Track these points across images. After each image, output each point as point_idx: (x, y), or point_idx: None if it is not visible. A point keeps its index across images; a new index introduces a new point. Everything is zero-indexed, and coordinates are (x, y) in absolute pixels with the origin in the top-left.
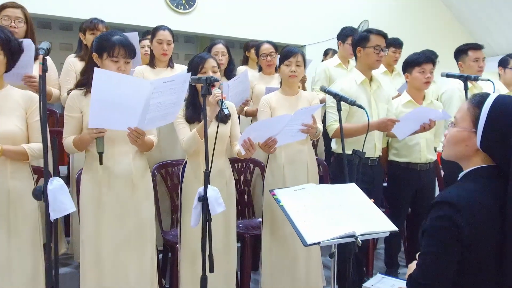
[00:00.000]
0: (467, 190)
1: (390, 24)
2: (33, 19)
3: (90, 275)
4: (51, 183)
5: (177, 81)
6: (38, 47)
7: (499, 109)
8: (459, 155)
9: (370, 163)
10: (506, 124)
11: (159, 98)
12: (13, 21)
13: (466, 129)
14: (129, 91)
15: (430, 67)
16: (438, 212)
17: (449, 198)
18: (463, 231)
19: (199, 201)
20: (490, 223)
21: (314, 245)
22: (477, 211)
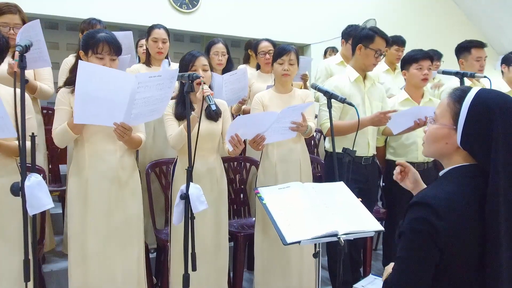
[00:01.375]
0: (446, 191)
1: (398, 22)
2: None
3: (76, 272)
4: (29, 179)
5: (164, 76)
6: (16, 43)
7: (480, 104)
8: (439, 153)
9: (363, 161)
10: (487, 120)
11: (145, 93)
12: (11, 29)
13: (446, 126)
14: (114, 85)
15: (428, 64)
16: (415, 214)
17: (427, 199)
18: (441, 234)
19: (181, 199)
20: (470, 226)
21: (295, 244)
22: (456, 213)
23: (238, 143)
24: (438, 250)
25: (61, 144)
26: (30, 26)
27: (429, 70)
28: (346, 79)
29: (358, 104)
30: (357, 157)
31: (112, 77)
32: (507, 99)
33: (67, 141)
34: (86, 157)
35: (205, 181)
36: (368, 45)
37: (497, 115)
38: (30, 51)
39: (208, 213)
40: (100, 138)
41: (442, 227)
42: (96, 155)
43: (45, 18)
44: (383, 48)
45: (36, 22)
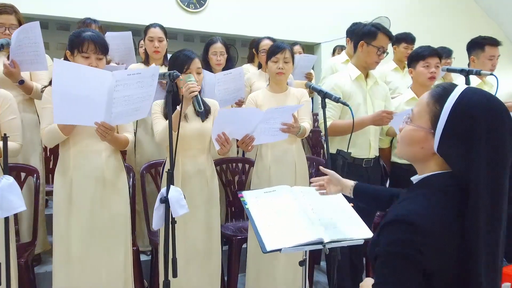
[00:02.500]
0: (425, 205)
1: (410, 20)
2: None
3: (60, 274)
4: (0, 182)
5: (144, 74)
6: None
7: (463, 109)
8: (412, 157)
9: (365, 164)
10: (469, 129)
11: (124, 91)
12: (7, 29)
13: (423, 129)
14: (91, 83)
15: (436, 61)
16: (396, 235)
17: (409, 217)
18: (425, 258)
19: (160, 203)
20: (455, 243)
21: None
22: (439, 232)
23: (225, 142)
24: (421, 276)
25: (50, 144)
26: (29, 27)
27: (436, 68)
28: (347, 77)
29: (359, 103)
30: (358, 159)
31: (89, 75)
32: (493, 103)
33: (56, 141)
34: (71, 157)
35: (195, 182)
36: (370, 42)
37: (481, 123)
38: (27, 53)
39: (198, 216)
40: (85, 138)
41: (426, 248)
42: (81, 155)
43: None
44: (386, 45)
45: (36, 24)
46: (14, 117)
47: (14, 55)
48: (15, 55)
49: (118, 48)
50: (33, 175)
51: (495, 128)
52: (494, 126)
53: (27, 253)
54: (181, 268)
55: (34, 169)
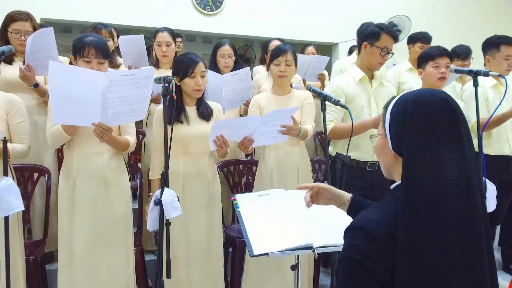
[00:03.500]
0: (387, 213)
1: (433, 19)
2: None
3: (64, 274)
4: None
5: (138, 75)
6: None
7: (398, 104)
8: (385, 167)
9: (369, 167)
10: (402, 116)
11: (119, 92)
12: (22, 35)
13: (381, 135)
14: (84, 84)
15: (446, 62)
16: (352, 240)
17: (365, 224)
18: (376, 265)
19: (155, 205)
20: None
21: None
22: (388, 240)
23: (223, 144)
24: (376, 282)
25: (55, 145)
26: (43, 33)
27: (446, 68)
28: (351, 79)
29: (363, 105)
30: (361, 162)
31: (82, 76)
32: (423, 92)
33: (60, 142)
34: (75, 159)
35: (195, 185)
36: (373, 42)
37: (410, 108)
38: (41, 57)
39: (199, 218)
40: (89, 140)
41: (377, 255)
42: (84, 157)
43: (62, 22)
44: (390, 45)
45: (50, 30)
46: (23, 120)
47: (29, 60)
48: (30, 60)
49: (131, 51)
50: (45, 175)
51: (426, 120)
52: (425, 118)
53: (37, 250)
54: (182, 269)
55: (46, 169)
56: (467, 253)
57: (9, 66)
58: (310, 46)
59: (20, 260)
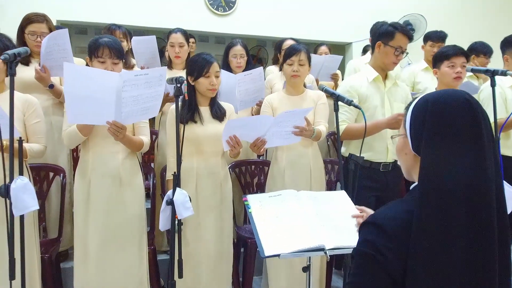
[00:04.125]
0: (402, 210)
1: (449, 17)
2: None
3: (80, 272)
4: (15, 182)
5: (151, 75)
6: (4, 52)
7: (420, 103)
8: (404, 167)
9: (382, 168)
10: (423, 116)
11: (132, 91)
12: (38, 37)
13: (401, 135)
14: (99, 84)
15: (462, 61)
16: (366, 236)
17: (378, 219)
18: (388, 261)
19: (167, 205)
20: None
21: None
22: (407, 237)
23: (236, 144)
24: (388, 277)
25: (70, 145)
26: (58, 34)
27: (462, 68)
28: (364, 78)
29: (376, 105)
30: (375, 163)
31: (97, 77)
32: (444, 92)
33: (76, 142)
34: (90, 159)
35: (207, 185)
36: (387, 42)
37: (430, 107)
38: (56, 58)
39: (210, 218)
40: (104, 141)
41: (390, 251)
42: (99, 157)
43: (78, 24)
44: (405, 45)
45: (64, 31)
46: (39, 120)
47: (45, 61)
48: (45, 61)
49: (144, 52)
50: (60, 174)
51: (447, 121)
52: (446, 119)
53: (52, 248)
54: (192, 269)
55: (61, 168)
56: (477, 254)
57: (26, 67)
58: (323, 46)
59: (36, 259)
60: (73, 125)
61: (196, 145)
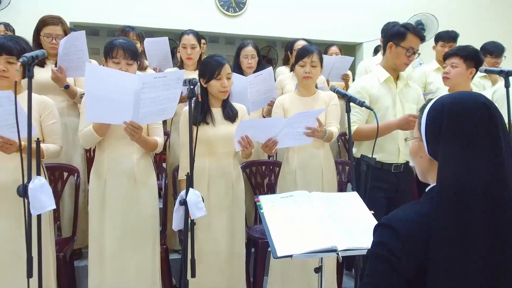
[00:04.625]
0: (417, 212)
1: (462, 17)
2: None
3: (95, 271)
4: (33, 182)
5: (169, 77)
6: (22, 55)
7: (436, 106)
8: (419, 171)
9: (394, 169)
10: (439, 120)
11: (151, 93)
12: (53, 39)
13: (416, 139)
14: (118, 85)
15: (451, 61)
16: (380, 237)
17: (392, 221)
18: (401, 262)
19: (180, 205)
20: (427, 253)
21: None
22: (420, 239)
23: (248, 144)
24: (402, 278)
25: (86, 145)
26: (75, 36)
27: (453, 68)
28: (375, 79)
29: (388, 106)
30: (386, 164)
31: (117, 78)
32: (465, 100)
33: (91, 142)
34: (105, 159)
35: (220, 185)
36: (399, 43)
37: (447, 110)
38: (72, 60)
39: (222, 218)
40: (119, 142)
41: (403, 252)
42: (115, 158)
43: (90, 26)
44: (417, 45)
45: (82, 33)
46: (55, 121)
47: (61, 62)
48: (62, 62)
49: (156, 54)
50: (74, 174)
51: (464, 126)
52: (463, 123)
53: (66, 247)
54: (204, 269)
55: (75, 168)
56: (498, 255)
57: (42, 69)
58: (334, 46)
59: (51, 257)
60: (89, 126)
61: (208, 146)
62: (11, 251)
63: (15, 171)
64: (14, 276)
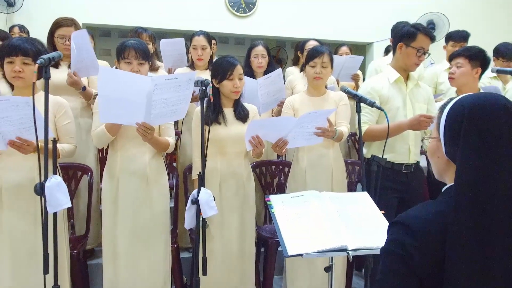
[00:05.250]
0: (431, 211)
1: (474, 17)
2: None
3: (108, 268)
4: (49, 181)
5: (180, 79)
6: (40, 57)
7: (456, 108)
8: (436, 170)
9: (404, 169)
10: (459, 127)
11: (162, 95)
12: (67, 40)
13: (434, 139)
14: (131, 87)
15: (456, 62)
16: (393, 235)
17: (405, 219)
18: (414, 260)
19: (192, 203)
20: (442, 252)
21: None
22: (433, 237)
23: (259, 144)
24: (414, 276)
25: (99, 144)
26: (78, 35)
27: (458, 68)
28: (385, 80)
29: (398, 107)
30: (397, 164)
31: (129, 80)
32: (487, 103)
33: (104, 141)
34: (118, 159)
35: (231, 185)
36: (409, 43)
37: (467, 112)
38: (84, 60)
39: (233, 218)
40: (131, 142)
41: (416, 250)
42: (127, 158)
43: (102, 27)
44: (427, 46)
45: (84, 31)
46: (69, 121)
47: (75, 64)
48: (76, 63)
49: (171, 54)
50: (88, 173)
51: (485, 128)
52: (483, 126)
53: (80, 245)
54: (215, 267)
55: (89, 168)
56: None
57: (56, 70)
58: (344, 47)
59: (65, 254)
60: (102, 126)
61: (219, 146)
62: (27, 248)
63: (30, 170)
64: (29, 272)
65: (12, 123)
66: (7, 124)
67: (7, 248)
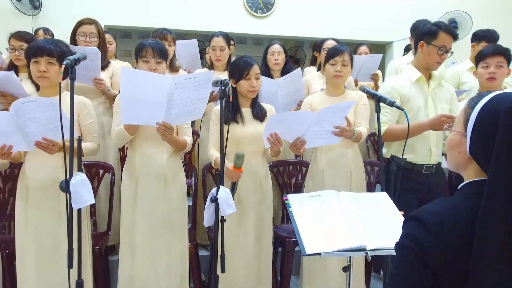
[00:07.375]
0: (447, 206)
1: (497, 16)
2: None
3: (125, 263)
4: (74, 178)
5: (199, 78)
6: (66, 58)
7: (489, 110)
8: (453, 164)
9: (425, 170)
10: (492, 125)
11: (182, 94)
12: (87, 37)
13: (458, 133)
14: (152, 87)
15: (497, 61)
16: (408, 230)
17: (420, 214)
18: (428, 253)
19: (211, 202)
20: (460, 247)
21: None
22: (448, 232)
23: (277, 141)
24: (429, 271)
25: (118, 144)
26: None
27: (498, 68)
28: (406, 79)
29: (419, 106)
30: (417, 165)
31: (151, 80)
32: None
33: (123, 140)
34: (137, 158)
35: (249, 184)
36: (431, 41)
37: (502, 118)
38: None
39: (251, 216)
40: (149, 142)
41: (431, 245)
42: (146, 157)
43: (122, 28)
44: (449, 44)
45: (95, 49)
46: (93, 120)
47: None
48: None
49: (186, 55)
50: (109, 171)
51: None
52: None
53: (101, 241)
54: (233, 265)
55: (110, 166)
56: None
57: None
58: (363, 46)
59: (88, 250)
60: (121, 125)
61: (237, 145)
62: (51, 243)
63: (55, 169)
64: (53, 267)
65: (38, 124)
66: (34, 125)
67: (33, 243)
